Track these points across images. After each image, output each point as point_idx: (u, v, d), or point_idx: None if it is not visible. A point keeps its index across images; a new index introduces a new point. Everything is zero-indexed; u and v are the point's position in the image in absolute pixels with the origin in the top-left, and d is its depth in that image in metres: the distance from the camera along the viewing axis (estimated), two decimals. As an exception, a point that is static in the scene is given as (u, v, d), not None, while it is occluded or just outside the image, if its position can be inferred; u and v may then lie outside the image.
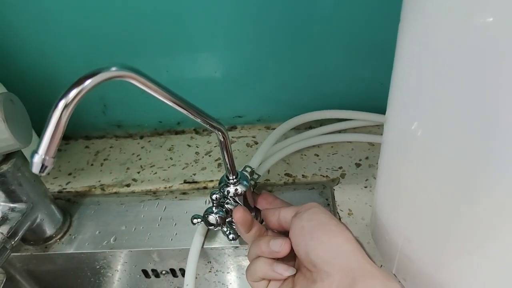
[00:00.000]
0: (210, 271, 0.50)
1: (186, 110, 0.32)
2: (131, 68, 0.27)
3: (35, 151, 0.24)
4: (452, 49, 0.23)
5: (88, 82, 0.26)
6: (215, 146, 0.56)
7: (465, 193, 0.27)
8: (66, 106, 0.25)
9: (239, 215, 0.38)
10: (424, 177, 0.30)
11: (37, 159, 0.24)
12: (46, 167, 0.25)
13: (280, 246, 0.35)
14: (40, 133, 0.49)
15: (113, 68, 0.27)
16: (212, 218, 0.41)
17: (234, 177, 0.42)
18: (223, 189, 0.42)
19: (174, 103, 0.30)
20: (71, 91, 0.25)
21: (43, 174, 0.25)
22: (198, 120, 0.34)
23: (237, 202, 0.43)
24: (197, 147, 0.56)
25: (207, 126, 0.35)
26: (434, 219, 0.30)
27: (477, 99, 0.23)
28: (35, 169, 0.24)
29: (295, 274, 0.35)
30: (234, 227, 0.45)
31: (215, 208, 0.42)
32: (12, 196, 0.42)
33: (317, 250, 0.32)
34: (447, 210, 0.29)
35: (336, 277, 0.30)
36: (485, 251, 0.28)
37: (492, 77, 0.22)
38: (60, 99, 0.25)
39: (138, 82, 0.27)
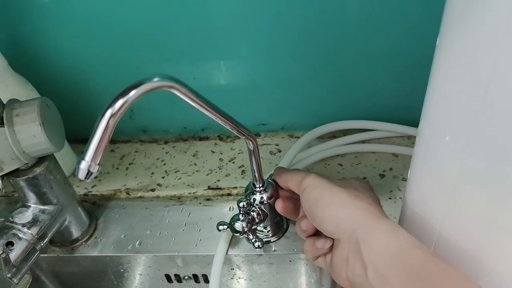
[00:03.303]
0: (232, 278, 0.50)
1: (223, 121, 0.32)
2: (173, 79, 0.28)
3: (82, 158, 0.25)
4: (492, 66, 0.24)
5: (133, 92, 0.26)
6: (238, 153, 0.56)
7: (503, 207, 0.27)
8: (112, 115, 0.25)
9: (280, 207, 0.41)
10: (458, 190, 0.30)
11: (83, 166, 0.25)
12: (92, 173, 0.25)
13: (305, 225, 0.39)
14: (68, 137, 0.51)
15: (156, 79, 0.27)
16: (238, 226, 0.42)
17: (260, 185, 0.42)
18: (249, 197, 0.43)
19: (213, 114, 0.31)
20: (118, 101, 0.26)
21: (88, 180, 0.25)
22: (228, 128, 0.35)
23: (263, 210, 0.43)
24: (221, 153, 0.56)
25: (240, 135, 0.35)
26: (468, 233, 0.30)
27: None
28: (81, 175, 0.25)
29: None
30: (259, 235, 0.46)
31: (242, 216, 0.42)
32: (43, 199, 0.43)
33: (321, 226, 0.35)
34: (481, 222, 0.29)
35: (345, 242, 0.33)
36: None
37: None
38: (107, 109, 0.25)
39: (180, 93, 0.28)
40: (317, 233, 0.40)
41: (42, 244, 0.43)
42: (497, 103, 0.24)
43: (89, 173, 0.25)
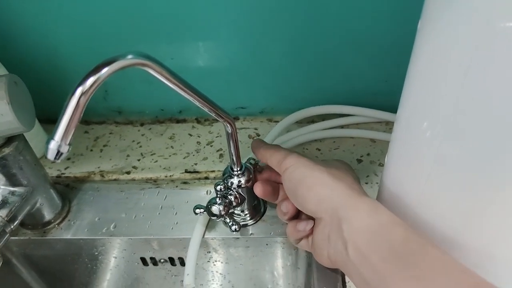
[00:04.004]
0: (208, 261, 0.50)
1: (200, 102, 0.31)
2: (148, 56, 0.27)
3: (51, 138, 0.24)
4: (471, 53, 0.23)
5: (105, 70, 0.25)
6: (216, 137, 0.56)
7: (476, 193, 0.28)
8: (83, 93, 0.24)
9: (259, 190, 0.41)
10: (433, 176, 0.30)
11: (53, 145, 0.24)
12: (62, 153, 0.24)
13: (286, 208, 0.39)
14: (40, 117, 0.49)
15: (129, 56, 0.26)
16: (215, 209, 0.41)
17: (238, 168, 0.42)
18: (226, 180, 0.42)
19: (190, 95, 0.30)
20: (88, 79, 0.25)
21: (58, 161, 0.24)
22: (206, 110, 0.34)
23: (241, 194, 0.43)
24: (199, 136, 0.56)
25: (218, 118, 0.35)
26: (442, 217, 0.31)
27: (494, 104, 0.24)
28: (51, 155, 0.24)
29: None
30: (236, 218, 0.46)
31: (219, 199, 0.42)
32: (12, 180, 0.41)
33: (304, 205, 0.35)
34: (455, 207, 0.30)
35: (327, 220, 0.33)
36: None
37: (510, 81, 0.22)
38: (78, 87, 0.24)
39: (154, 71, 0.27)
40: (298, 216, 0.40)
41: (12, 227, 0.41)
42: (476, 91, 0.24)
43: (58, 154, 0.24)
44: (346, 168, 0.38)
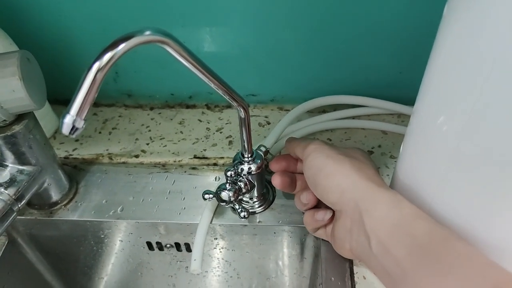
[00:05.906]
0: (215, 248, 0.50)
1: (215, 84, 0.31)
2: (166, 33, 0.26)
3: (67, 112, 0.24)
4: (499, 46, 0.23)
5: (122, 46, 0.25)
6: (226, 123, 0.55)
7: (491, 190, 0.27)
8: (100, 69, 0.24)
9: (277, 181, 0.40)
10: (449, 174, 0.29)
11: (68, 120, 0.23)
12: (77, 129, 0.24)
13: (306, 198, 0.38)
14: (48, 97, 0.48)
15: (147, 32, 0.26)
16: (225, 195, 0.41)
17: (249, 155, 0.41)
18: (236, 167, 0.42)
19: (204, 75, 0.30)
20: (105, 54, 0.24)
21: (73, 136, 0.24)
22: (221, 92, 0.33)
23: (250, 181, 0.42)
24: (208, 123, 0.55)
25: (232, 101, 0.34)
26: (456, 213, 0.30)
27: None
28: (65, 130, 0.24)
29: None
30: (245, 206, 0.45)
31: (229, 185, 0.41)
32: (21, 158, 0.41)
33: (324, 195, 0.35)
34: (469, 205, 0.29)
35: (348, 213, 0.33)
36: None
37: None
38: (94, 62, 0.24)
39: (171, 49, 0.27)
40: (316, 205, 0.39)
41: (19, 206, 0.41)
42: (501, 87, 0.23)
43: (73, 129, 0.24)
44: (366, 157, 0.37)
